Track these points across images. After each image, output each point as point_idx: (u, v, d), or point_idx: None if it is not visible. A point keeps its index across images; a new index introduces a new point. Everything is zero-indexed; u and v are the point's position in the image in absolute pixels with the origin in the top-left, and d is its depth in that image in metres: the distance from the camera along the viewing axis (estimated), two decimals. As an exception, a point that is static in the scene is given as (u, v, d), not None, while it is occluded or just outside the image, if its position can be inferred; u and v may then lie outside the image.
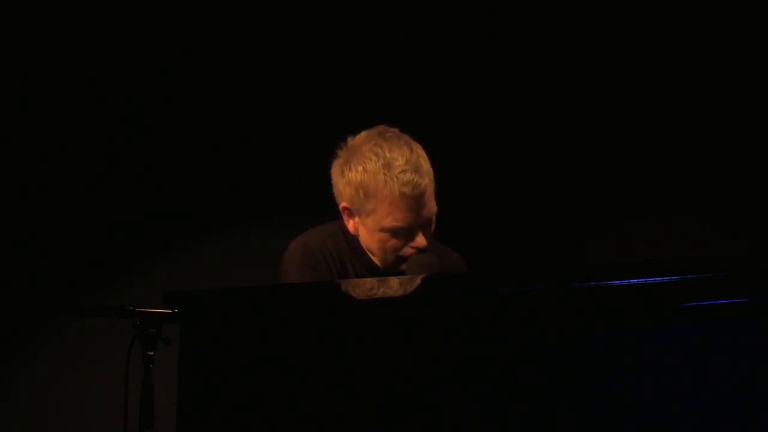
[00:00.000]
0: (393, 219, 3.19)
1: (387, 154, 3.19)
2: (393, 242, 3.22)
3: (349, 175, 3.23)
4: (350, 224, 3.29)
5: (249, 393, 2.47)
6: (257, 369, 2.48)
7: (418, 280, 2.92)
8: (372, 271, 3.27)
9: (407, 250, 3.23)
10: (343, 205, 3.28)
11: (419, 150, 3.24)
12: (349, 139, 3.29)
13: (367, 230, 3.25)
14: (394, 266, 3.24)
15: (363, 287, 2.89)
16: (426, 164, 3.23)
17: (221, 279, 4.65)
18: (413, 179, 3.18)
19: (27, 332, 4.85)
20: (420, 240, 3.21)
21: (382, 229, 3.21)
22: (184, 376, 2.51)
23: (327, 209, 3.36)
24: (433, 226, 3.27)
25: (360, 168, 3.21)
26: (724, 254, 3.85)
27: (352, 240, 3.31)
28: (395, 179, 3.17)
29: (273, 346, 2.48)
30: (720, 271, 2.47)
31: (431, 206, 3.23)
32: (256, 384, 2.47)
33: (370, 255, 3.28)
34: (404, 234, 3.21)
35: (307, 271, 3.25)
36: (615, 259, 4.69)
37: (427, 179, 3.21)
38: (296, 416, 2.44)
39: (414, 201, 3.18)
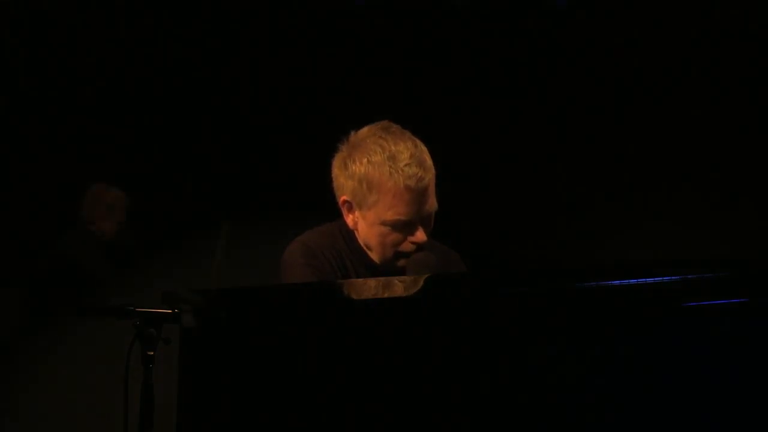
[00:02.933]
0: (395, 212, 3.18)
1: (392, 147, 3.19)
2: (393, 236, 3.21)
3: (353, 167, 3.22)
4: (349, 218, 3.28)
5: (249, 393, 2.47)
6: (257, 369, 2.47)
7: (418, 281, 2.92)
8: (370, 268, 3.27)
9: (406, 246, 3.22)
10: (343, 198, 3.27)
11: (422, 146, 3.25)
12: (352, 134, 3.28)
13: (367, 224, 3.24)
14: (392, 262, 3.24)
15: (364, 287, 2.89)
16: (429, 160, 3.23)
17: (221, 279, 4.65)
18: (418, 173, 3.18)
19: (27, 332, 4.85)
20: (420, 235, 3.21)
21: (384, 223, 3.20)
22: (184, 376, 2.51)
23: (327, 209, 3.35)
24: (432, 224, 3.26)
25: (364, 160, 3.20)
26: (724, 254, 3.85)
27: (350, 239, 3.30)
28: (400, 172, 3.17)
29: (273, 346, 2.48)
30: (720, 271, 2.48)
31: (433, 202, 3.23)
32: (256, 384, 2.47)
33: (368, 252, 3.28)
34: (405, 228, 3.21)
35: (309, 270, 3.23)
36: (614, 259, 4.70)
37: (430, 174, 3.21)
38: (297, 416, 2.44)
39: (417, 195, 3.18)
